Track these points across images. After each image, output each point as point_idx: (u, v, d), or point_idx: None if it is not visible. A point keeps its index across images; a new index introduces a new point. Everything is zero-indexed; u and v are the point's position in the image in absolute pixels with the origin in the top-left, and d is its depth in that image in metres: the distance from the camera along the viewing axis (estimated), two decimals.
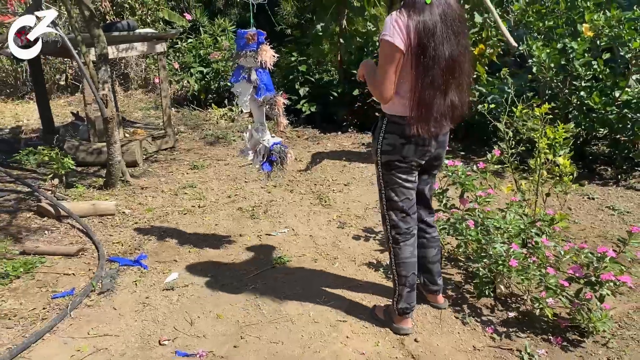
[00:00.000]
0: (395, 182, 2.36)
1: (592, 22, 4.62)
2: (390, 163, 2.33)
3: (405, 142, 2.26)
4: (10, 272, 3.04)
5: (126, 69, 9.98)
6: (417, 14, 2.08)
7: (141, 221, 3.86)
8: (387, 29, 2.10)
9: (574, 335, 2.54)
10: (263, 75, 2.96)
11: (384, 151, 2.32)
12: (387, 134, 2.30)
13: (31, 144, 5.53)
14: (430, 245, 2.63)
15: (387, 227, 2.46)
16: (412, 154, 2.29)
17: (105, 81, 4.21)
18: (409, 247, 2.47)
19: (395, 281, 2.51)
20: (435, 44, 2.08)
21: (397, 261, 2.47)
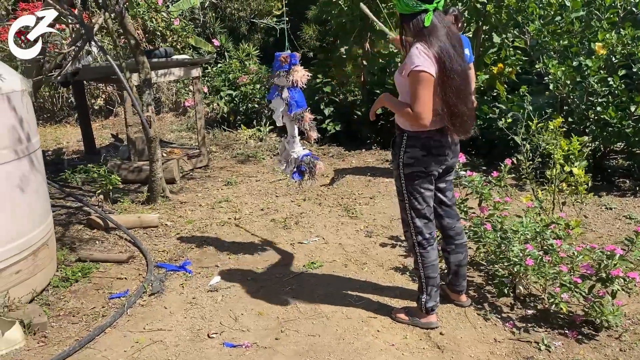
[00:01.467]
0: (418, 191, 2.60)
1: (604, 40, 4.84)
2: (413, 174, 2.57)
3: (425, 154, 2.52)
4: (70, 277, 3.36)
5: (157, 93, 10.47)
6: (435, 40, 2.36)
7: (183, 232, 4.16)
8: (417, 60, 2.34)
9: (588, 330, 2.75)
10: (295, 93, 3.25)
11: (406, 164, 2.56)
12: (408, 148, 2.54)
13: (73, 164, 5.93)
14: (459, 251, 2.86)
15: (412, 234, 2.68)
16: (432, 165, 2.55)
17: (149, 103, 4.58)
18: (434, 251, 2.71)
19: (422, 283, 2.73)
20: (450, 60, 2.36)
21: (425, 265, 2.69)
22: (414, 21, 2.39)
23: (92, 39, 4.19)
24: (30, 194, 3.02)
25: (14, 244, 2.88)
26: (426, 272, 2.70)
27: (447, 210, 2.81)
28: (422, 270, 2.71)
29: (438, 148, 2.53)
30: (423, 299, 2.75)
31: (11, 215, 2.87)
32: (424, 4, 2.35)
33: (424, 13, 2.37)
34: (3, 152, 2.81)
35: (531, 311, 2.93)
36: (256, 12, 12.30)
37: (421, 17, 2.38)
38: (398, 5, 2.43)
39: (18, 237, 2.91)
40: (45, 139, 8.13)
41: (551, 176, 3.64)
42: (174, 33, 9.55)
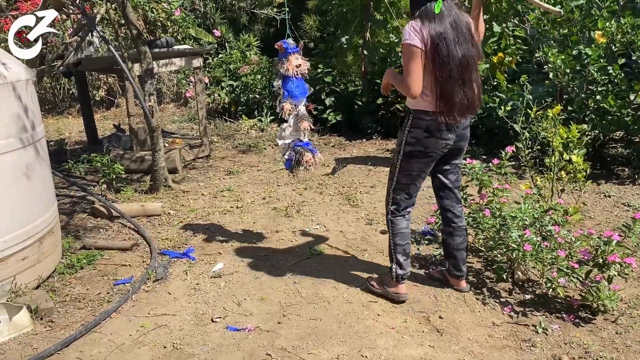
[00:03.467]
0: (410, 169, 2.72)
1: (604, 29, 4.86)
2: (412, 153, 2.68)
3: (428, 135, 2.61)
4: (75, 264, 3.41)
5: (158, 84, 10.49)
6: (430, 21, 2.47)
7: (185, 220, 4.21)
8: (406, 35, 2.49)
9: (585, 314, 2.79)
10: (288, 83, 3.26)
11: (408, 142, 2.67)
12: (412, 128, 2.65)
13: (76, 155, 5.97)
14: (456, 234, 2.93)
15: (388, 202, 2.84)
16: (433, 146, 2.64)
17: (151, 93, 4.61)
18: (405, 220, 2.84)
19: (391, 250, 2.86)
20: (447, 45, 2.45)
21: (394, 231, 2.83)
22: (422, 10, 2.51)
23: (95, 29, 4.23)
24: (36, 181, 3.06)
25: (20, 231, 2.93)
26: (395, 239, 2.84)
27: (448, 193, 2.90)
28: (391, 237, 2.86)
29: (440, 131, 2.61)
30: (393, 267, 2.87)
31: (17, 203, 2.92)
32: None
33: (434, 1, 2.48)
34: (9, 140, 2.85)
35: (529, 296, 2.98)
36: (256, 2, 12.28)
37: (429, 6, 2.49)
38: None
39: (24, 225, 2.96)
40: (48, 130, 8.16)
41: (550, 164, 3.67)
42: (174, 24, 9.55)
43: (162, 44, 5.60)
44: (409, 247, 2.87)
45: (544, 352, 2.50)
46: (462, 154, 2.85)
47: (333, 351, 2.51)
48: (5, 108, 2.85)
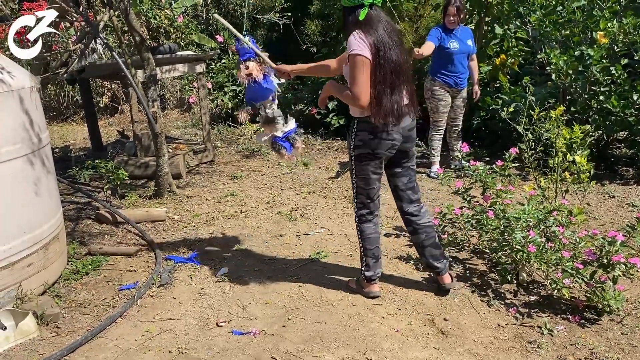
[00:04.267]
0: (365, 172, 2.79)
1: (606, 29, 4.86)
2: (361, 156, 2.76)
3: (373, 137, 2.69)
4: (80, 269, 3.43)
5: (162, 90, 10.53)
6: (373, 29, 2.57)
7: (190, 225, 4.22)
8: (354, 45, 2.55)
9: (590, 314, 2.79)
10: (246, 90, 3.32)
11: (356, 146, 2.75)
12: (358, 131, 2.74)
13: (81, 161, 6.00)
14: (419, 232, 2.97)
15: (355, 208, 2.93)
16: (379, 147, 2.71)
17: (154, 99, 4.63)
18: (372, 225, 2.92)
19: (362, 253, 2.95)
20: (384, 50, 2.55)
21: (363, 236, 2.93)
22: (352, 16, 2.61)
23: (98, 36, 4.25)
24: (41, 188, 3.08)
25: (26, 237, 2.95)
26: (363, 243, 2.93)
27: (401, 195, 2.96)
28: (361, 241, 2.95)
29: (385, 132, 2.68)
30: (363, 269, 2.97)
31: (22, 210, 2.94)
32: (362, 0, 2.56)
33: (360, 8, 2.58)
34: (14, 147, 2.87)
35: (534, 297, 2.97)
36: (258, 7, 12.33)
37: (358, 12, 2.59)
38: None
39: (29, 231, 2.98)
40: (52, 137, 8.20)
41: (554, 165, 3.67)
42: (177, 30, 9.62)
43: (165, 50, 5.63)
44: (378, 250, 2.96)
45: (549, 353, 2.50)
46: (410, 156, 2.90)
47: (338, 354, 2.51)
48: (10, 116, 2.87)
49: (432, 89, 5.17)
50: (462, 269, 3.36)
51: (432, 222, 3.04)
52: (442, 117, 5.22)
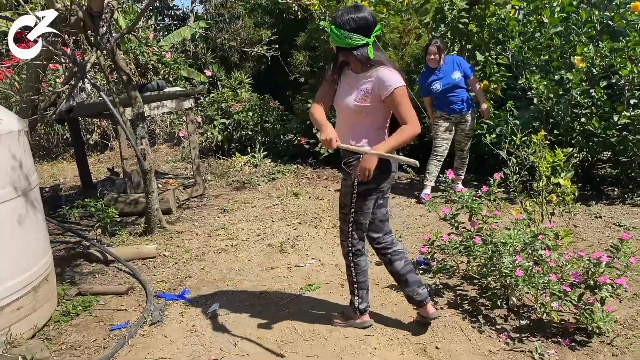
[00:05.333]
0: (366, 207, 2.77)
1: (583, 54, 4.99)
2: (366, 191, 2.72)
3: (379, 171, 2.65)
4: (70, 310, 3.41)
5: (151, 125, 10.60)
6: (392, 63, 2.67)
7: (180, 261, 4.22)
8: (397, 78, 2.60)
9: (581, 337, 2.80)
10: None
11: (361, 182, 2.69)
12: None
13: (71, 200, 6.00)
14: (396, 259, 2.93)
15: (349, 243, 2.87)
16: (385, 181, 2.74)
17: (143, 137, 4.67)
18: (364, 257, 2.94)
19: (354, 287, 2.95)
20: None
21: (357, 271, 2.92)
22: (358, 53, 2.60)
23: (85, 77, 4.31)
24: (30, 230, 3.09)
25: (15, 280, 2.94)
26: (358, 277, 2.92)
27: (380, 226, 2.93)
28: (355, 276, 2.93)
29: (389, 165, 2.71)
30: (356, 302, 2.95)
31: (11, 253, 2.94)
32: (365, 39, 2.58)
33: (365, 46, 2.60)
34: (3, 191, 2.88)
35: (525, 321, 2.99)
36: (246, 40, 12.53)
37: (364, 50, 2.60)
38: (338, 41, 2.60)
39: (19, 274, 2.97)
40: (42, 176, 8.20)
41: (538, 188, 3.73)
42: (165, 66, 9.75)
43: (153, 87, 5.70)
44: (368, 282, 2.99)
45: None
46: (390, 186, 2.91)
47: None
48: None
49: (434, 117, 5.45)
50: (453, 295, 3.37)
51: (404, 250, 3.04)
52: (440, 142, 5.36)
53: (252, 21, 12.43)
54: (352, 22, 2.56)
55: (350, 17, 2.57)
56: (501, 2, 5.75)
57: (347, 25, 2.57)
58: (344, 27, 2.57)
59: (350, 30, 2.56)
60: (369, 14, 2.60)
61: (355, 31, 2.56)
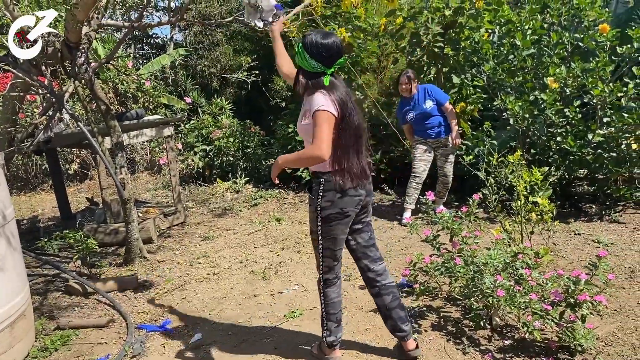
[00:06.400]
0: (333, 233, 2.70)
1: (556, 74, 5.11)
2: (330, 216, 2.67)
3: (341, 195, 2.64)
4: (49, 346, 3.32)
5: (132, 153, 10.54)
6: (335, 92, 2.59)
7: (162, 291, 4.16)
8: (322, 103, 2.53)
9: (564, 355, 2.81)
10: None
11: (323, 207, 2.66)
12: (325, 192, 2.65)
13: (49, 232, 5.91)
14: (384, 293, 2.87)
15: (321, 272, 2.80)
16: (348, 205, 2.66)
17: (122, 166, 4.64)
18: (336, 289, 2.83)
19: (323, 318, 2.85)
20: (349, 114, 2.60)
21: (326, 302, 2.82)
22: (314, 81, 2.61)
23: (63, 107, 4.29)
24: (5, 265, 3.02)
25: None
26: (327, 308, 2.83)
27: (365, 253, 2.86)
28: (323, 306, 2.84)
29: (353, 189, 2.66)
30: (324, 334, 2.87)
31: None
32: (325, 68, 2.59)
33: (322, 75, 2.61)
34: None
35: (508, 341, 2.99)
36: (226, 67, 12.62)
37: (320, 79, 2.60)
38: (301, 61, 2.62)
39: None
40: (20, 208, 8.07)
41: (517, 207, 3.77)
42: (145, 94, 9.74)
43: (132, 116, 5.68)
44: (340, 314, 2.86)
45: None
46: (368, 210, 2.85)
47: None
48: None
49: (413, 141, 5.59)
50: (437, 317, 3.37)
51: (394, 283, 2.96)
52: (419, 164, 5.43)
53: (232, 48, 12.54)
54: (314, 48, 2.56)
55: (316, 41, 2.56)
56: (475, 25, 5.89)
57: (310, 49, 2.57)
58: (307, 50, 2.58)
59: (311, 56, 2.57)
60: (335, 43, 2.58)
61: (315, 58, 2.57)
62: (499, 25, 5.87)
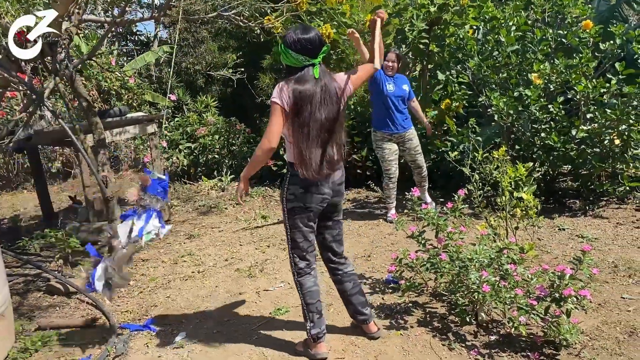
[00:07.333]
0: (297, 225, 2.79)
1: (540, 71, 5.14)
2: (293, 209, 2.76)
3: (304, 191, 2.72)
4: (29, 347, 3.25)
5: (116, 151, 10.42)
6: (298, 84, 2.61)
7: (146, 290, 4.11)
8: (274, 94, 2.61)
9: (549, 350, 2.82)
10: None
11: (288, 199, 2.76)
12: (290, 185, 2.76)
13: (31, 231, 5.80)
14: (345, 280, 3.02)
15: (291, 263, 2.89)
16: (310, 201, 2.74)
17: (104, 164, 4.57)
18: (311, 278, 2.89)
19: (304, 310, 2.88)
20: (311, 106, 2.61)
21: (303, 291, 2.87)
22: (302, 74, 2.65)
23: (43, 104, 4.21)
24: None
25: None
26: (305, 298, 2.87)
27: (330, 247, 2.99)
28: (302, 297, 2.88)
29: (316, 186, 2.73)
30: (308, 327, 2.89)
31: None
32: (312, 60, 2.65)
33: (312, 67, 2.66)
34: None
35: (494, 337, 2.99)
36: (212, 64, 12.52)
37: (309, 71, 2.65)
38: (287, 59, 2.66)
39: None
40: (1, 207, 7.95)
41: (502, 203, 3.78)
42: (129, 91, 9.63)
43: (115, 113, 5.61)
44: (320, 304, 2.90)
45: None
46: (339, 210, 2.96)
47: None
48: None
49: (376, 141, 5.34)
50: (423, 313, 3.37)
51: (355, 271, 3.10)
52: (390, 164, 5.29)
53: (217, 45, 12.44)
54: (298, 44, 2.63)
55: (299, 38, 2.63)
56: (460, 22, 5.90)
57: (295, 46, 2.63)
58: (292, 48, 2.64)
59: (297, 52, 2.63)
60: (316, 35, 2.66)
61: (302, 52, 2.63)
62: (483, 22, 5.89)
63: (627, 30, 5.15)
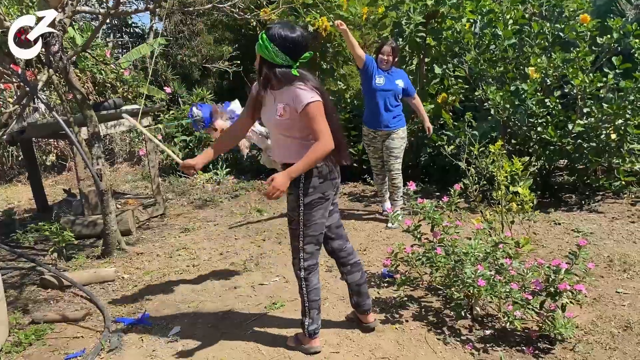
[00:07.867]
0: (315, 219, 2.72)
1: (537, 65, 5.12)
2: (312, 202, 2.69)
3: (323, 180, 2.69)
4: (23, 341, 3.24)
5: (111, 144, 10.36)
6: (309, 80, 2.61)
7: (140, 284, 4.09)
8: (310, 94, 2.54)
9: (544, 344, 2.82)
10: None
11: (306, 194, 2.67)
12: (307, 178, 2.66)
13: (25, 224, 5.77)
14: (355, 270, 3.00)
15: (301, 259, 2.79)
16: (329, 189, 2.73)
17: (99, 157, 4.54)
18: (317, 275, 2.87)
19: (306, 307, 2.85)
20: (326, 101, 2.62)
21: (309, 289, 2.83)
22: (281, 71, 2.56)
23: (37, 96, 4.17)
24: None
25: None
26: (310, 295, 2.84)
27: (337, 232, 2.96)
28: (306, 294, 2.84)
29: (331, 172, 2.72)
30: (306, 323, 2.87)
31: None
32: (290, 61, 2.56)
33: (288, 68, 2.57)
34: None
35: (489, 331, 2.99)
36: (207, 57, 12.45)
37: (287, 71, 2.57)
38: (265, 52, 2.54)
39: None
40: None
41: (498, 197, 3.77)
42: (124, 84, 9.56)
43: (110, 106, 5.56)
44: (320, 301, 2.89)
45: None
46: (337, 192, 2.91)
47: None
48: None
49: (364, 136, 5.26)
50: (418, 307, 3.36)
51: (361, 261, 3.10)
52: (374, 161, 5.24)
53: (213, 37, 12.37)
54: (281, 40, 2.51)
55: (282, 34, 2.52)
56: (457, 15, 5.87)
57: (277, 41, 2.52)
58: (274, 42, 2.52)
59: (278, 47, 2.52)
60: (302, 37, 2.56)
61: (283, 50, 2.52)
62: (480, 15, 5.86)
63: (625, 24, 5.13)
